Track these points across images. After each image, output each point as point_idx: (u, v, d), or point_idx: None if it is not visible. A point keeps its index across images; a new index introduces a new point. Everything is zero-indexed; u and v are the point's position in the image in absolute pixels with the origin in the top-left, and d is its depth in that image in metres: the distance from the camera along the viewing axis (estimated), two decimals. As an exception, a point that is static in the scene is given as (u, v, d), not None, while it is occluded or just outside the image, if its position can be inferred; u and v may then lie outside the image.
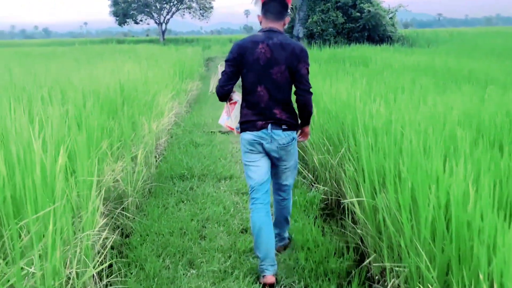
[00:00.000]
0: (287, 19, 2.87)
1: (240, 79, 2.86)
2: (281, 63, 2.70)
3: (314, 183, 4.39)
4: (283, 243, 3.24)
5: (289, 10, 2.93)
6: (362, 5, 20.11)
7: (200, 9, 47.71)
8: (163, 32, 47.10)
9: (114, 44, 32.18)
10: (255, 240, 2.80)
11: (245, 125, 2.83)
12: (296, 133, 2.92)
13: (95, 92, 4.69)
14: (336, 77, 7.33)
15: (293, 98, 2.85)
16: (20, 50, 21.89)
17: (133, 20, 47.28)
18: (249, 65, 2.74)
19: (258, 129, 2.76)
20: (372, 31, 20.19)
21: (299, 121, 2.92)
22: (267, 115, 2.76)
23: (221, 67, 3.02)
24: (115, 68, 7.75)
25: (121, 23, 46.51)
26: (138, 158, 4.07)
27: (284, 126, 2.77)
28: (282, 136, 2.77)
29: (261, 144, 2.79)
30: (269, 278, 2.73)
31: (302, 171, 4.60)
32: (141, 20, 47.87)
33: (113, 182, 3.55)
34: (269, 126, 2.75)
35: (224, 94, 2.89)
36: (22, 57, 14.01)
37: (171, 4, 47.04)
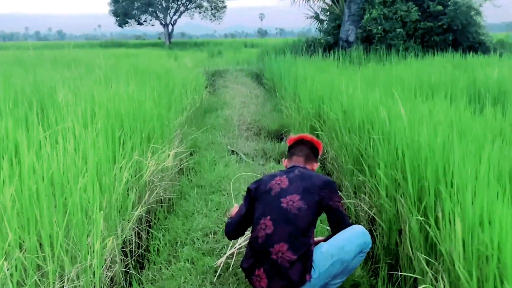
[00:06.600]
0: (316, 164, 2.62)
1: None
2: (296, 193, 2.30)
3: None
4: None
5: (319, 157, 2.67)
6: (444, -6, 13.42)
7: (212, 9, 41.38)
8: (169, 35, 40.90)
9: (112, 48, 26.05)
10: None
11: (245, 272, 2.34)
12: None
13: None
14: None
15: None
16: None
17: (135, 20, 41.22)
18: (259, 197, 2.38)
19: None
20: (460, 34, 13.51)
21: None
22: (261, 255, 2.20)
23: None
24: None
25: (122, 23, 40.40)
26: None
27: (287, 275, 2.10)
28: None
29: None
30: None
31: None
32: (145, 21, 41.75)
33: None
34: (265, 277, 2.15)
35: (230, 235, 2.55)
36: None
37: (179, 3, 40.81)
